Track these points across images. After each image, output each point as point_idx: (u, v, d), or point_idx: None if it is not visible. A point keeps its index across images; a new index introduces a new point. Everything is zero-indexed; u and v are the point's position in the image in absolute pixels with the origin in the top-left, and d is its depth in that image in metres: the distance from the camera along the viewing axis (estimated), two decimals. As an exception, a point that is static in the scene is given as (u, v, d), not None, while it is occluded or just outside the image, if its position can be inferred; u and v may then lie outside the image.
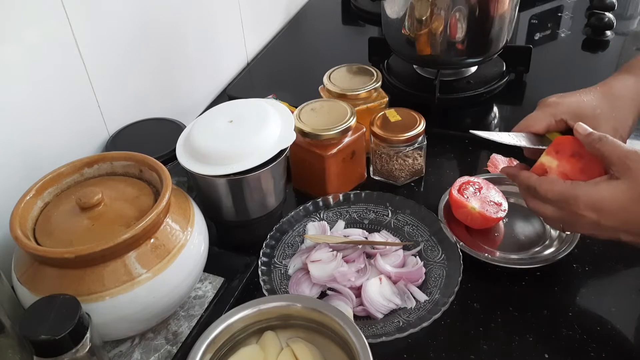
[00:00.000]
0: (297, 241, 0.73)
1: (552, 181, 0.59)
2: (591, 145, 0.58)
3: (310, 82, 0.91)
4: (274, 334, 0.56)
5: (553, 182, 0.58)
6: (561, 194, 0.57)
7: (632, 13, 1.23)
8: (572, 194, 0.56)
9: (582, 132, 0.59)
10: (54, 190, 0.62)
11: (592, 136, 0.58)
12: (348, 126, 0.75)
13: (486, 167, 0.83)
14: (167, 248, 0.57)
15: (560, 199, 0.58)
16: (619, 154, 0.55)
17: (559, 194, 0.57)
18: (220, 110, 0.72)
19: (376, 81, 0.83)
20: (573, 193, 0.56)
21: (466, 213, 0.71)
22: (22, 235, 0.54)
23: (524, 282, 0.67)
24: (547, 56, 1.08)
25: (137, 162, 0.64)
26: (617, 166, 0.55)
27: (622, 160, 0.55)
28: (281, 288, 0.67)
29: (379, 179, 0.84)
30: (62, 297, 0.49)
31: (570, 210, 0.57)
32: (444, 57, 0.92)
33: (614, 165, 0.55)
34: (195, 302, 0.66)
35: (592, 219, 0.56)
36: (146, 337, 0.63)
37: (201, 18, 0.96)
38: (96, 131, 0.78)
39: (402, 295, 0.65)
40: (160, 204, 0.57)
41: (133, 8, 0.80)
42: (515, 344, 0.61)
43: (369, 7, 1.28)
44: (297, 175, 0.82)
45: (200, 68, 0.99)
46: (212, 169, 0.66)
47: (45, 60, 0.68)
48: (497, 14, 0.88)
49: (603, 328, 0.61)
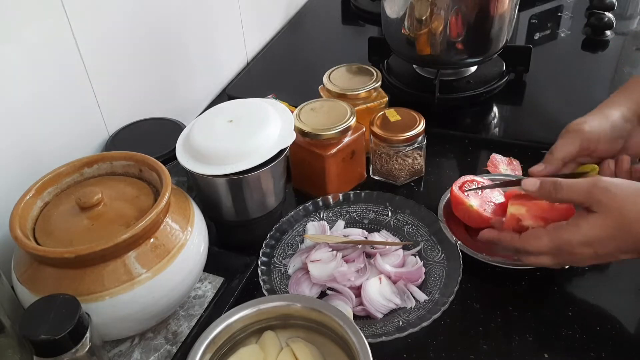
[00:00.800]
0: (297, 241, 0.73)
1: (537, 236, 0.58)
2: (550, 197, 0.58)
3: (310, 82, 0.91)
4: (274, 333, 0.56)
5: (538, 236, 0.58)
6: (551, 244, 0.57)
7: (632, 13, 1.23)
8: (563, 240, 0.57)
9: (532, 188, 0.59)
10: (53, 190, 0.62)
11: (546, 186, 0.58)
12: (348, 126, 0.75)
13: (486, 167, 0.83)
14: (167, 248, 0.57)
15: (552, 248, 0.58)
16: (583, 194, 0.56)
17: (549, 246, 0.58)
18: (220, 110, 0.72)
19: (376, 81, 0.83)
20: (562, 239, 0.57)
21: (464, 210, 0.71)
22: (22, 235, 0.54)
23: (524, 282, 0.67)
24: (547, 56, 1.08)
25: (137, 162, 0.64)
26: (588, 203, 0.56)
27: (588, 197, 0.55)
28: (281, 288, 0.67)
29: (378, 179, 0.84)
30: (62, 297, 0.49)
31: (566, 253, 0.57)
32: (444, 57, 0.92)
33: (585, 204, 0.56)
34: (195, 302, 0.66)
35: (588, 253, 0.56)
36: (146, 337, 0.63)
37: (201, 18, 0.96)
38: (96, 131, 0.78)
39: (401, 295, 0.65)
40: (160, 204, 0.57)
41: (133, 8, 0.80)
42: (515, 344, 0.61)
43: (369, 7, 1.28)
44: (297, 175, 0.82)
45: (200, 68, 0.99)
46: (212, 169, 0.66)
47: (45, 60, 0.68)
48: (497, 13, 0.88)
49: (603, 328, 0.61)
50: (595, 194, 0.55)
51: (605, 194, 0.54)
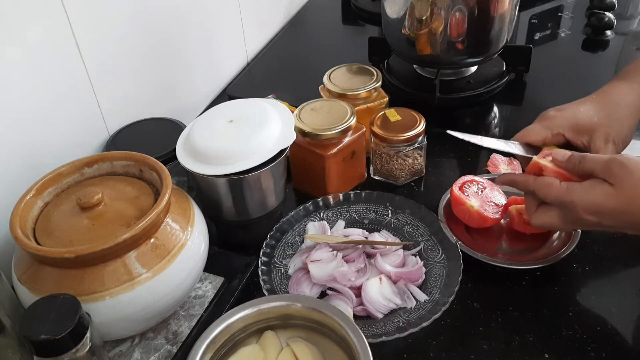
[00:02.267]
0: (297, 241, 0.73)
1: (549, 184, 0.59)
2: (575, 169, 0.59)
3: (310, 82, 0.91)
4: (274, 333, 0.56)
5: (549, 185, 0.59)
6: (558, 198, 0.58)
7: (632, 13, 1.23)
8: (569, 200, 0.57)
9: (562, 159, 0.60)
10: (54, 190, 0.62)
11: (573, 159, 0.59)
12: (348, 126, 0.75)
13: (486, 167, 0.83)
14: (167, 248, 0.57)
15: (558, 202, 0.58)
16: (602, 166, 0.56)
17: (556, 198, 0.58)
18: (220, 110, 0.72)
19: (376, 81, 0.83)
20: (569, 198, 0.57)
21: (464, 210, 0.71)
22: (22, 235, 0.54)
23: (524, 282, 0.67)
24: (547, 56, 1.08)
25: (137, 162, 0.64)
26: (605, 176, 0.56)
27: (607, 169, 0.56)
28: (281, 288, 0.67)
29: (379, 179, 0.84)
30: (62, 297, 0.49)
31: (571, 213, 0.58)
32: (444, 56, 0.92)
33: (602, 176, 0.56)
34: (195, 302, 0.66)
35: (593, 221, 0.57)
36: (146, 337, 0.63)
37: (201, 18, 0.96)
38: (96, 131, 0.78)
39: (402, 295, 0.65)
40: (160, 204, 0.57)
41: (133, 8, 0.80)
42: (515, 344, 0.61)
43: (369, 6, 1.28)
44: (297, 175, 0.82)
45: (200, 68, 0.99)
46: (212, 168, 0.66)
47: (46, 60, 0.68)
48: (497, 13, 0.88)
49: (603, 328, 0.61)
50: (614, 166, 0.55)
51: (622, 169, 0.55)
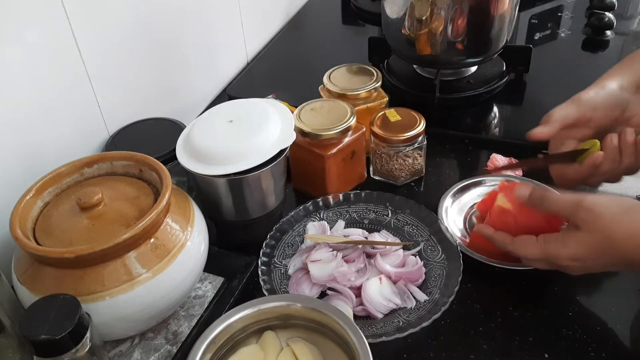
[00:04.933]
0: (297, 241, 0.73)
1: (527, 244, 0.60)
2: (537, 207, 0.60)
3: (310, 82, 0.91)
4: (274, 333, 0.56)
5: (528, 245, 0.59)
6: (541, 255, 0.59)
7: (632, 13, 1.23)
8: (550, 254, 0.58)
9: (523, 197, 0.61)
10: (53, 190, 0.62)
11: (533, 198, 0.59)
12: (348, 126, 0.75)
13: (486, 167, 0.83)
14: (167, 248, 0.57)
15: (541, 259, 0.59)
16: (569, 210, 0.56)
17: (538, 256, 0.59)
18: (220, 110, 0.72)
19: (376, 81, 0.83)
20: (550, 252, 0.58)
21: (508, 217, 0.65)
22: (22, 235, 0.54)
23: (524, 282, 0.67)
24: (547, 56, 1.08)
25: (137, 162, 0.64)
26: (574, 222, 0.56)
27: (574, 216, 0.56)
28: (281, 288, 0.67)
29: (379, 179, 0.84)
30: (62, 297, 0.49)
31: (556, 264, 0.58)
32: (444, 57, 0.92)
33: (570, 219, 0.57)
34: (195, 302, 0.66)
35: (577, 266, 0.57)
36: (146, 337, 0.63)
37: (201, 18, 0.96)
38: (96, 131, 0.78)
39: (402, 295, 0.65)
40: (160, 204, 0.57)
41: (133, 8, 0.80)
42: (515, 344, 0.61)
43: (369, 7, 1.28)
44: (297, 175, 0.82)
45: (200, 68, 0.99)
46: (212, 169, 0.66)
47: (45, 60, 0.68)
48: (497, 13, 0.88)
49: (603, 328, 0.62)
50: (580, 213, 0.55)
51: (590, 214, 0.55)
